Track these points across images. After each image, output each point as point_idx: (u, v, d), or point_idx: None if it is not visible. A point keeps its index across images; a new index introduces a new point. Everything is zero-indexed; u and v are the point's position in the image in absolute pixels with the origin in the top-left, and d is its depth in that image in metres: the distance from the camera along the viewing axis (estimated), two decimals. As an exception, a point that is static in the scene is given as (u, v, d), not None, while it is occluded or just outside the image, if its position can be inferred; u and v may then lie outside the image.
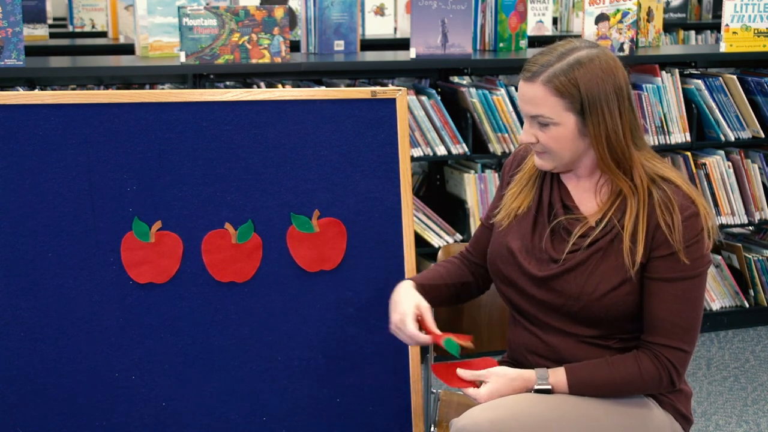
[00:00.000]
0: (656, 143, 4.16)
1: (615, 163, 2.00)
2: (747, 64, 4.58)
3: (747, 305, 4.41)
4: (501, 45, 4.35)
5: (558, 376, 2.02)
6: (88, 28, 6.23)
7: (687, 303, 1.99)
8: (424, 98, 3.91)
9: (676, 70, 4.20)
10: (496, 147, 4.00)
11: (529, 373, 2.03)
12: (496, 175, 4.05)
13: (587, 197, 2.08)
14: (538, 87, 1.98)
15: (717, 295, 4.37)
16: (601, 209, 2.04)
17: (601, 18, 4.13)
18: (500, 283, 2.16)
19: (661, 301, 1.99)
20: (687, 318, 1.99)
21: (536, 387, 2.01)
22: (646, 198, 2.00)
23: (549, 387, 2.01)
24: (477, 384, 2.06)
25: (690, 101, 4.22)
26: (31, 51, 3.97)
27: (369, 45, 5.10)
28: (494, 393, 2.01)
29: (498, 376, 2.03)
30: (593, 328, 2.04)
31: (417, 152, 3.89)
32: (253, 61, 3.71)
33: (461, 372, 2.06)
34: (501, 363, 2.14)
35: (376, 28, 5.97)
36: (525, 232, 2.11)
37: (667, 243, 1.97)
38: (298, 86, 4.03)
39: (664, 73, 4.17)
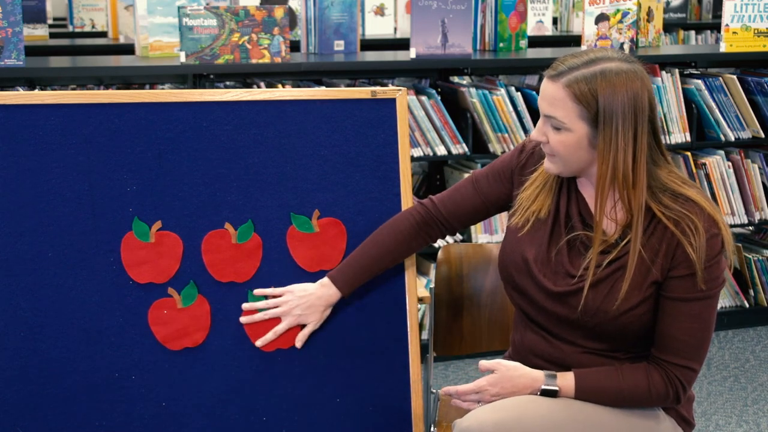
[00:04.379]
0: (656, 143, 4.16)
1: (615, 181, 1.95)
2: (747, 64, 4.58)
3: (747, 305, 4.41)
4: (501, 45, 4.35)
5: (566, 379, 2.01)
6: (88, 28, 6.23)
7: (700, 323, 1.97)
8: (424, 98, 3.91)
9: (676, 70, 4.20)
10: (496, 147, 4.00)
11: (536, 372, 2.02)
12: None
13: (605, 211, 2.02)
14: (559, 88, 1.95)
15: (717, 295, 4.37)
16: (619, 225, 2.00)
17: (601, 18, 4.13)
18: (511, 290, 2.14)
19: (674, 320, 1.98)
20: (699, 337, 1.98)
21: (543, 387, 2.00)
22: (640, 220, 1.96)
23: (556, 388, 2.00)
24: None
25: (690, 101, 4.22)
26: (31, 51, 3.98)
27: (369, 45, 5.11)
28: (495, 383, 2.01)
29: (506, 368, 2.02)
30: (603, 343, 2.03)
31: (417, 152, 3.89)
32: (253, 61, 3.71)
33: (483, 362, 2.05)
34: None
35: (376, 28, 5.97)
36: (541, 242, 2.07)
37: (686, 263, 1.95)
38: (298, 86, 4.03)
39: (664, 73, 4.17)
